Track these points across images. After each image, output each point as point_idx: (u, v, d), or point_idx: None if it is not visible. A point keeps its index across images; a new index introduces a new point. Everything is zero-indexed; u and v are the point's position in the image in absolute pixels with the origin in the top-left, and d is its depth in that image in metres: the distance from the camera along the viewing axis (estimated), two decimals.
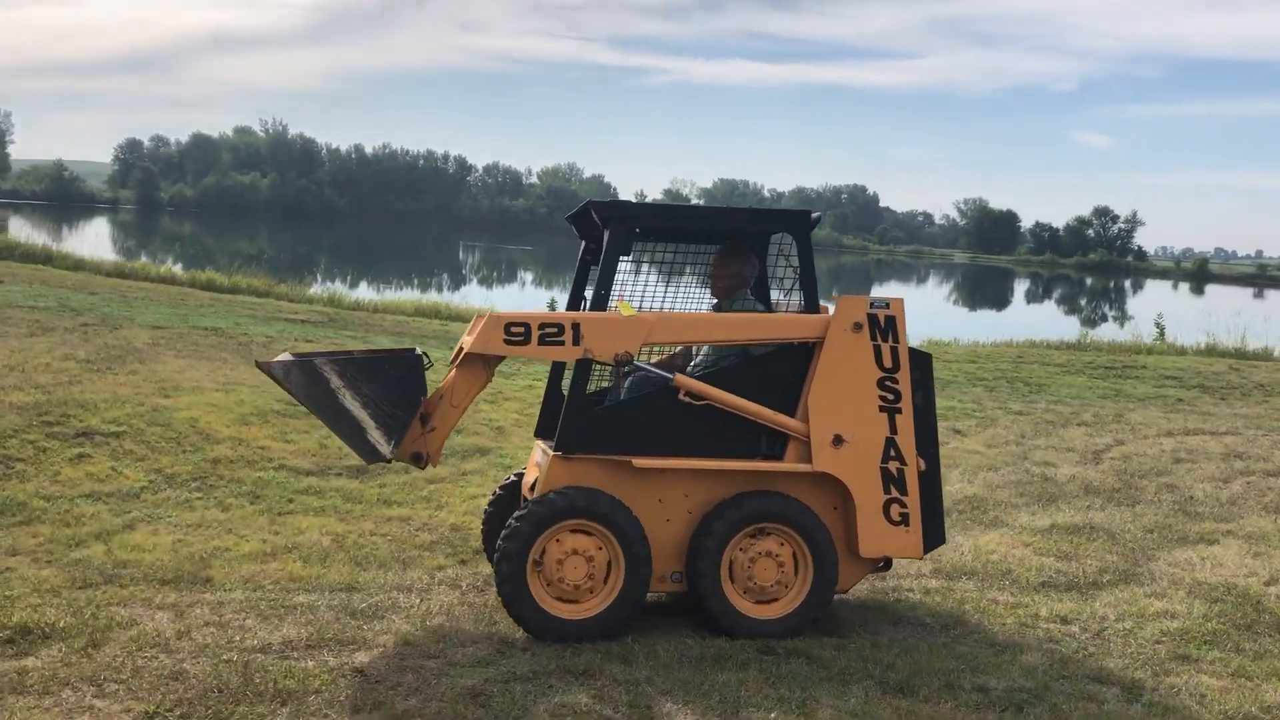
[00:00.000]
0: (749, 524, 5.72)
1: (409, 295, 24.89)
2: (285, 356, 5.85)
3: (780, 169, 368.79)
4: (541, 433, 6.53)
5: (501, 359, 5.98)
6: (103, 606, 5.75)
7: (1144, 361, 18.71)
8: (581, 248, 6.70)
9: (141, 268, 23.31)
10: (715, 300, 6.46)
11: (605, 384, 6.35)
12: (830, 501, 5.89)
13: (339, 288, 25.00)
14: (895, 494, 5.82)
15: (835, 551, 5.80)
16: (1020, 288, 74.95)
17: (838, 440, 5.77)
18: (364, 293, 28.13)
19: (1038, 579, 7.00)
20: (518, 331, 5.72)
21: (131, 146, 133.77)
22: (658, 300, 6.41)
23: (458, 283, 49.08)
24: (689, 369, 6.29)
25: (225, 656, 5.16)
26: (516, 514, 5.60)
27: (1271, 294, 79.79)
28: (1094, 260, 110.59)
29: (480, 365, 5.96)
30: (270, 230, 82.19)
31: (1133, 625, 6.16)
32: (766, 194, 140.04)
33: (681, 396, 5.76)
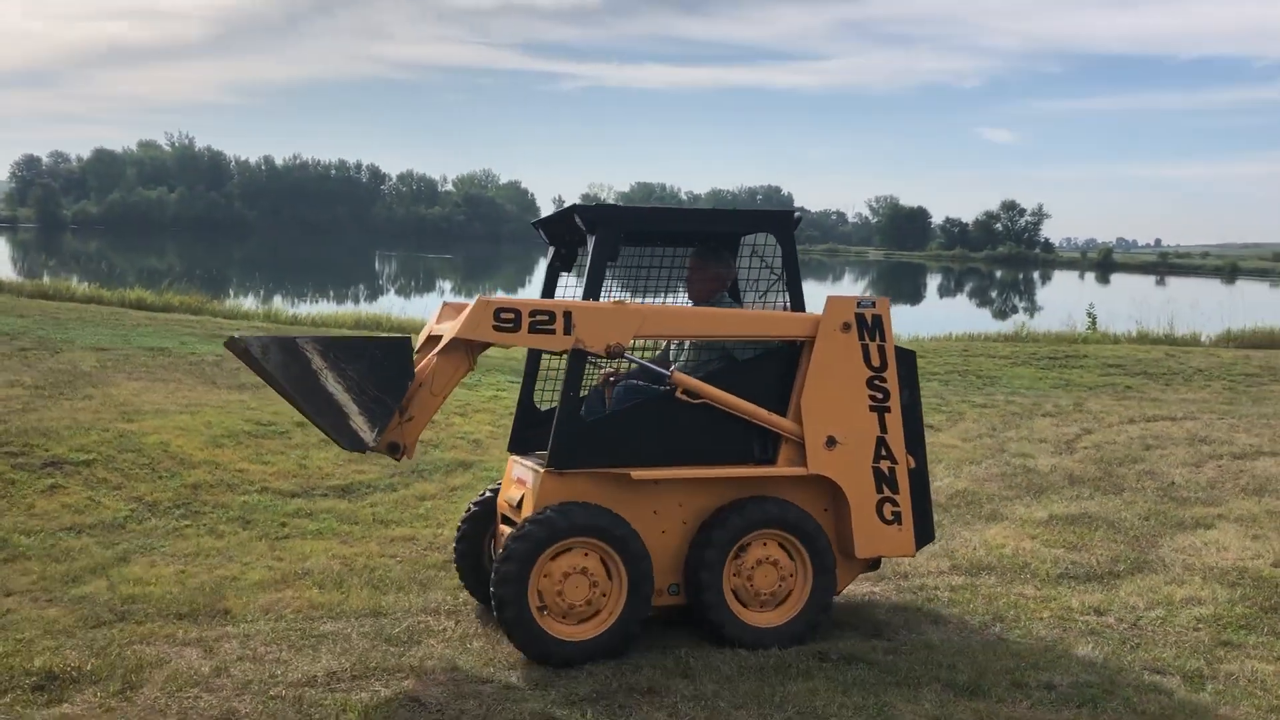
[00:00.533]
0: (750, 531, 5.62)
1: (347, 309, 24.38)
2: (255, 338, 5.43)
3: (696, 171, 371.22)
4: (516, 448, 6.31)
5: (486, 346, 5.72)
6: (124, 645, 5.48)
7: (1084, 351, 19.10)
8: (550, 254, 6.49)
9: (66, 288, 22.51)
10: (692, 304, 6.32)
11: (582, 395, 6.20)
12: (821, 504, 5.85)
13: (278, 304, 24.36)
14: (887, 493, 5.80)
15: (834, 555, 5.76)
16: (933, 282, 76.27)
17: (831, 442, 5.73)
18: (280, 305, 27.40)
19: (1055, 571, 7.05)
20: (507, 318, 5.48)
21: (29, 163, 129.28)
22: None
23: (374, 293, 48.32)
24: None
25: (272, 692, 4.94)
26: (513, 535, 5.37)
27: (1172, 280, 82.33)
28: (1003, 253, 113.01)
29: (463, 352, 5.67)
30: (179, 245, 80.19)
31: (1165, 614, 6.22)
32: (684, 196, 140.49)
33: (679, 394, 5.63)
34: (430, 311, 24.50)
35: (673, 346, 6.34)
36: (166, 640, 5.61)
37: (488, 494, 6.40)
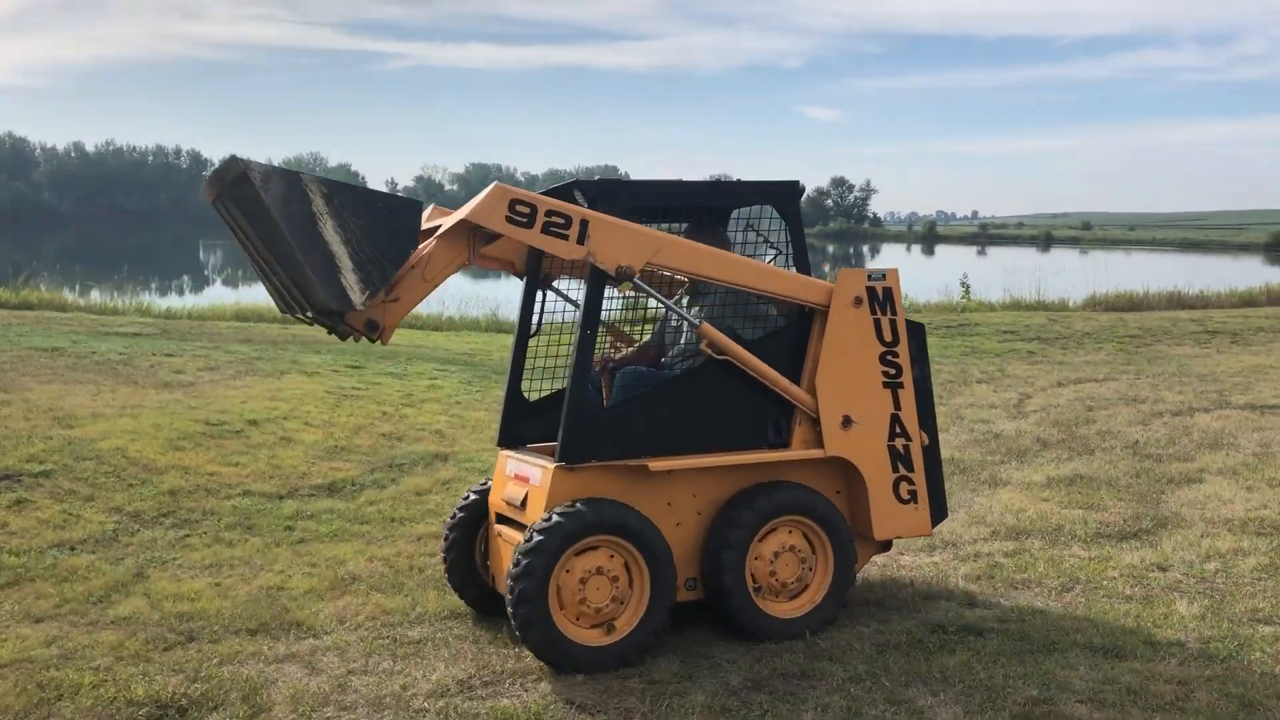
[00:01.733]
0: (770, 519, 5.37)
1: (228, 299, 23.12)
2: (258, 164, 4.88)
3: (531, 151, 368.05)
4: (507, 441, 5.95)
5: (492, 239, 5.36)
6: (217, 667, 5.06)
7: (974, 319, 19.78)
8: None
9: None
10: (685, 287, 6.04)
11: (555, 386, 5.99)
12: (835, 486, 5.67)
13: (95, 298, 22.88)
14: (903, 472, 5.63)
15: (852, 538, 5.58)
16: (767, 259, 77.72)
17: (846, 421, 5.52)
18: (98, 298, 25.70)
19: (1089, 531, 7.25)
20: (522, 211, 5.11)
21: None
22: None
23: (199, 284, 46.26)
24: (665, 359, 5.98)
25: (415, 705, 4.63)
26: (528, 538, 4.98)
27: (992, 250, 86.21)
28: (835, 228, 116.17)
29: (466, 240, 5.31)
30: None
31: (1223, 565, 6.46)
32: (520, 177, 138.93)
33: (703, 346, 5.38)
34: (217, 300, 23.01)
35: (669, 328, 6.12)
36: (255, 658, 5.21)
37: (473, 494, 5.99)
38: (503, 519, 5.70)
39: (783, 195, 5.82)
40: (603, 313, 5.49)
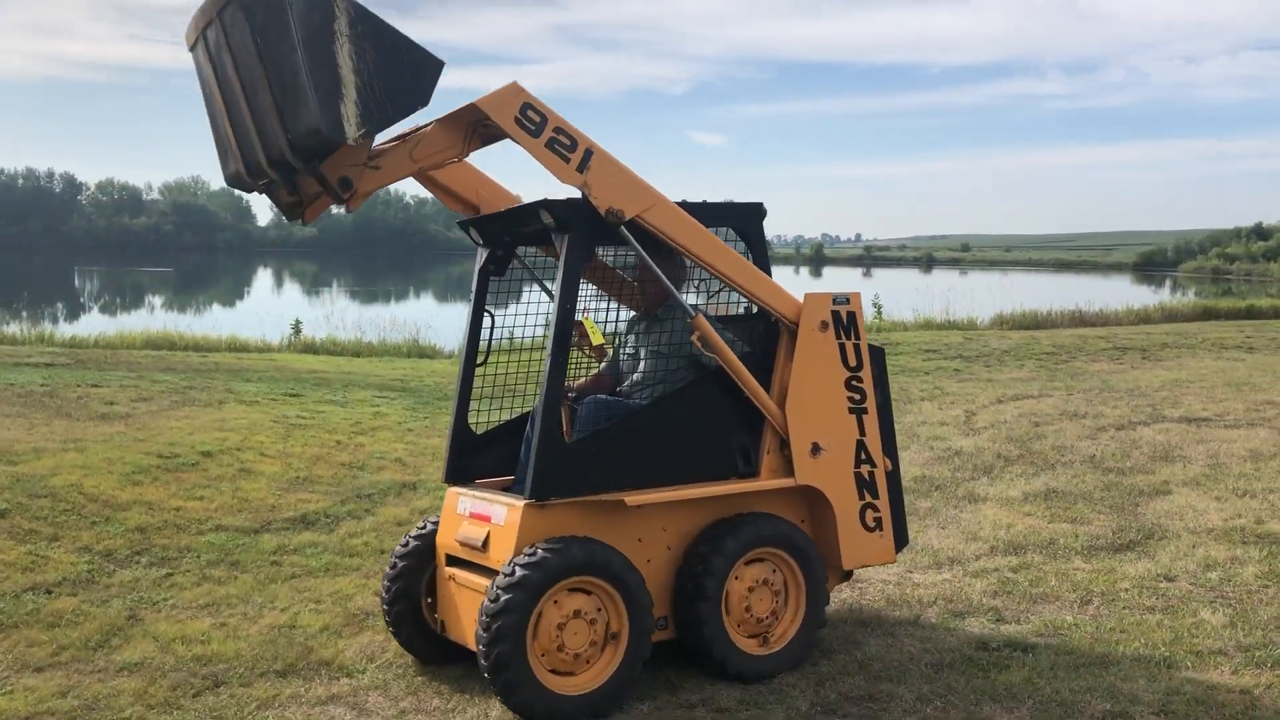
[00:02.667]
0: (751, 550, 5.16)
1: (134, 326, 22.16)
2: None
3: None
4: (455, 478, 5.66)
5: (489, 140, 5.14)
6: (258, 711, 4.82)
7: (894, 338, 20.15)
8: (482, 258, 5.83)
9: None
10: (641, 313, 5.87)
11: (503, 418, 5.76)
12: (801, 515, 5.53)
13: (46, 327, 21.93)
14: (868, 499, 5.51)
15: (825, 570, 5.43)
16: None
17: (815, 449, 5.38)
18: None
19: (1082, 545, 7.39)
20: (533, 117, 4.85)
21: None
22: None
23: (75, 311, 44.57)
24: (621, 389, 5.72)
25: None
26: (503, 579, 4.65)
27: (877, 272, 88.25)
28: None
29: (465, 131, 5.07)
30: None
31: (1224, 574, 6.64)
32: (409, 200, 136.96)
33: (694, 339, 5.16)
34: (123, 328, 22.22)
35: (624, 354, 5.88)
36: (296, 701, 4.98)
37: (413, 539, 5.58)
38: (455, 561, 5.34)
39: (745, 217, 5.62)
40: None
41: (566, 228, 5.02)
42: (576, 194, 5.00)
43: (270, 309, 35.16)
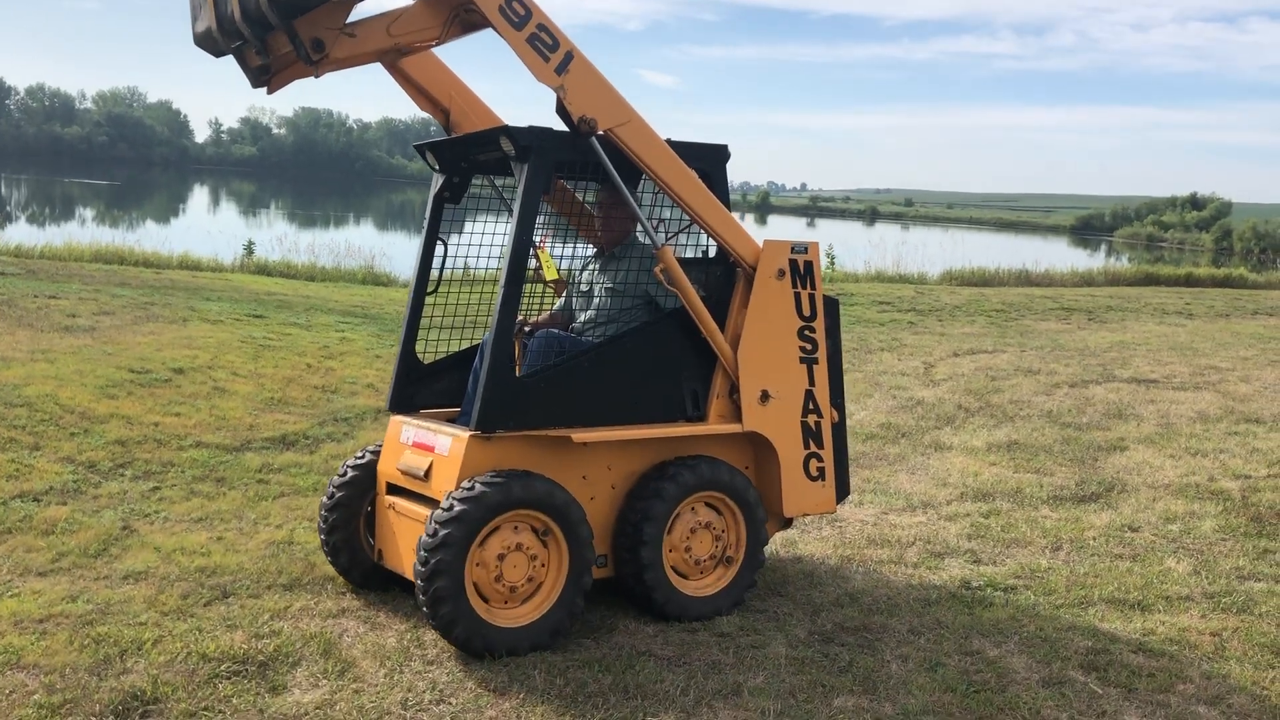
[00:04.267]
0: (694, 493, 5.17)
1: (97, 239, 21.55)
2: None
3: (364, 100, 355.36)
4: (399, 406, 5.58)
5: (469, 29, 5.05)
6: (272, 621, 4.92)
7: (848, 289, 20.41)
8: (437, 185, 5.68)
9: None
10: (595, 251, 5.80)
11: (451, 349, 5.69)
12: (745, 461, 5.52)
13: (15, 232, 21.35)
14: (813, 449, 5.50)
15: (765, 516, 5.43)
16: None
17: (765, 396, 5.37)
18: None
19: (1046, 494, 7.69)
20: (518, 9, 4.76)
21: None
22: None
23: (1, 221, 43.38)
24: (574, 326, 5.64)
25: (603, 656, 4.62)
26: (441, 513, 4.61)
27: (820, 222, 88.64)
28: None
29: (447, 14, 4.97)
30: None
31: (1183, 527, 6.96)
32: (352, 124, 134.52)
33: (657, 270, 5.09)
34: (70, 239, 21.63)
35: (578, 292, 5.79)
36: (307, 613, 5.08)
37: (351, 469, 5.49)
38: (395, 489, 5.30)
39: (709, 158, 5.49)
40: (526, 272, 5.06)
41: (526, 156, 4.88)
42: (535, 123, 4.89)
43: (210, 227, 34.43)
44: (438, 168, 5.67)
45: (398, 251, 24.15)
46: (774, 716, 4.21)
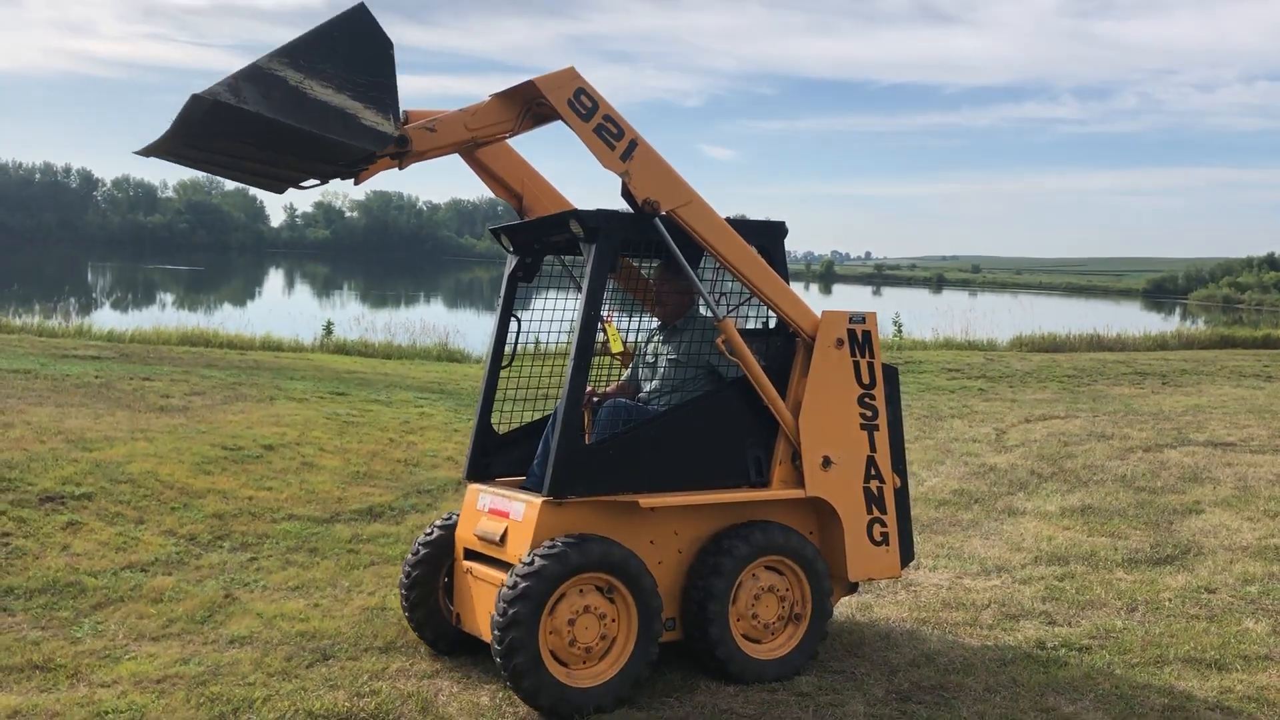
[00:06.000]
0: (760, 557, 5.35)
1: (184, 321, 22.49)
2: (218, 85, 4.52)
3: (435, 183, 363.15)
4: (475, 475, 5.86)
5: (542, 121, 5.36)
6: (372, 682, 5.17)
7: (916, 357, 20.49)
8: (511, 265, 6.02)
9: None
10: (659, 324, 6.06)
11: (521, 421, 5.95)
12: (809, 526, 5.69)
13: (102, 317, 22.31)
14: (876, 513, 5.67)
15: (830, 581, 5.59)
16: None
17: (826, 462, 5.55)
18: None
19: (1121, 557, 7.73)
20: (585, 102, 5.12)
21: None
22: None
23: (87, 307, 44.89)
24: (640, 396, 5.92)
25: None
26: (522, 567, 4.85)
27: (886, 290, 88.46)
28: None
29: (520, 108, 5.29)
30: None
31: (1262, 588, 6.96)
32: (422, 205, 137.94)
33: (719, 341, 5.39)
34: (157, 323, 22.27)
35: (644, 363, 6.09)
36: (404, 675, 5.34)
37: (436, 530, 5.80)
38: (472, 555, 5.57)
39: (767, 235, 5.78)
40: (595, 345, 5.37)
41: (594, 237, 5.21)
42: (603, 205, 5.24)
43: (288, 309, 35.48)
44: (511, 249, 6.01)
45: (469, 328, 24.72)
46: None
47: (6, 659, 5.40)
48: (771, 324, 5.95)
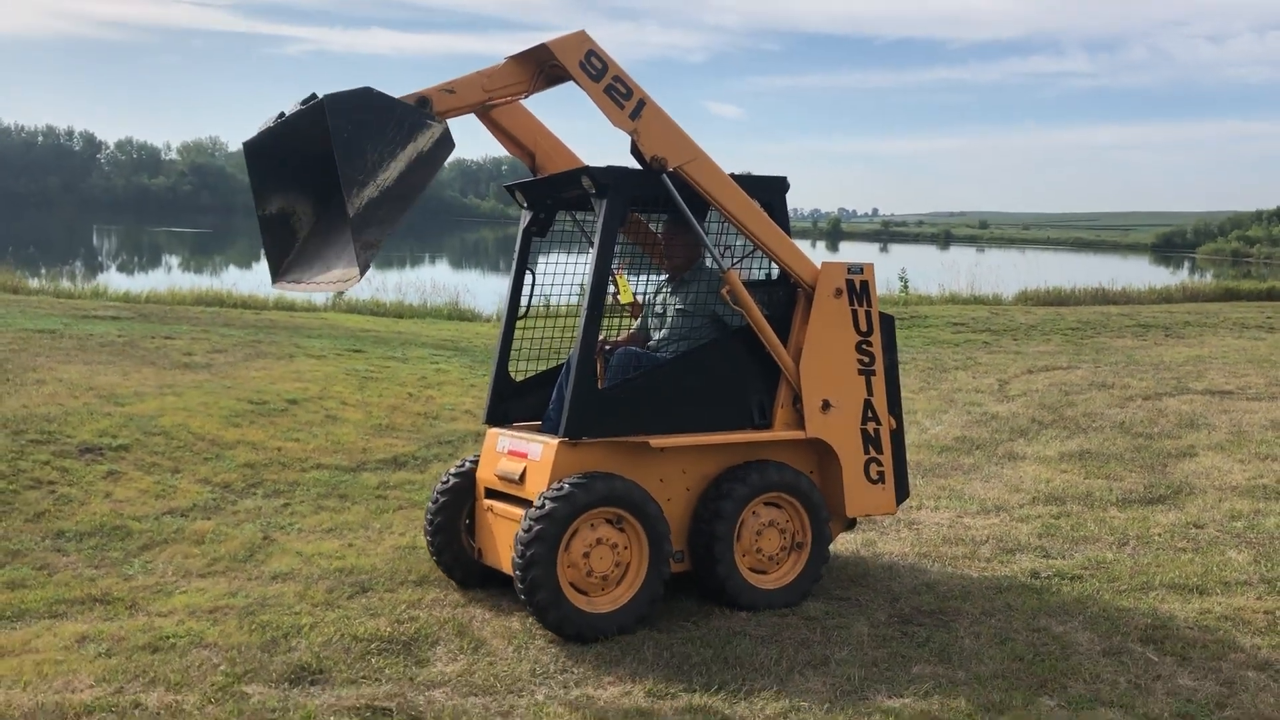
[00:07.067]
0: (762, 494, 5.70)
1: (189, 284, 22.84)
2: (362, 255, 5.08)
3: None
4: (494, 420, 6.23)
5: (553, 81, 5.62)
6: (409, 610, 5.55)
7: (922, 311, 20.77)
8: (525, 220, 6.34)
9: None
10: (667, 276, 6.34)
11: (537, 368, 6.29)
12: (809, 466, 6.01)
13: (108, 280, 22.65)
14: (873, 454, 6.00)
15: (829, 515, 5.91)
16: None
17: (825, 405, 5.88)
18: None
19: (1115, 497, 8.07)
20: (595, 64, 5.40)
21: None
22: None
23: (93, 269, 45.13)
24: (650, 344, 6.19)
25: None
26: (534, 511, 5.20)
27: (894, 247, 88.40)
28: None
29: (534, 69, 5.56)
30: None
31: (1248, 523, 7.30)
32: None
33: (724, 292, 5.68)
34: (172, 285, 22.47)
35: (653, 314, 6.36)
36: (439, 604, 5.71)
37: (453, 476, 6.11)
38: (493, 494, 5.89)
39: (770, 189, 6.05)
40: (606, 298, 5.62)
41: (604, 193, 5.51)
42: (613, 162, 5.54)
43: None
44: (526, 205, 6.34)
45: (478, 288, 25.01)
46: (858, 682, 4.73)
47: (67, 593, 5.78)
48: (774, 275, 6.27)
